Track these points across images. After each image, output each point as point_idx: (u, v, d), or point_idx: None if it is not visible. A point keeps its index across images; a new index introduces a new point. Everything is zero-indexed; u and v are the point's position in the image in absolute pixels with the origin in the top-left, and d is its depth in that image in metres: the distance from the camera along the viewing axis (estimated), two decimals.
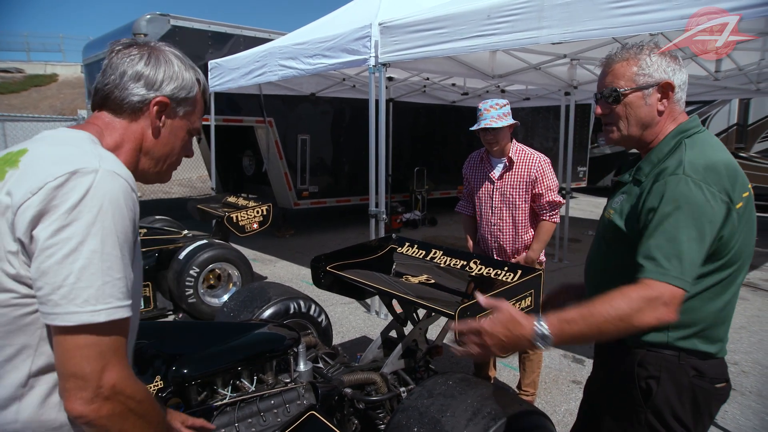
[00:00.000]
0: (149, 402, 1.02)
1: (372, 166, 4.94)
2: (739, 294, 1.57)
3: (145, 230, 4.80)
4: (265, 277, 6.38)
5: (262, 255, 7.71)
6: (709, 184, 1.38)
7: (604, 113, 1.62)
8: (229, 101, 8.03)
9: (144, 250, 4.56)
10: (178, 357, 2.14)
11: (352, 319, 5.10)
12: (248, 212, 5.29)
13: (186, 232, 5.03)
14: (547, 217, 3.28)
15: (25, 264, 0.91)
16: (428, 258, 3.02)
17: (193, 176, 12.61)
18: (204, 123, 8.01)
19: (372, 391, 2.55)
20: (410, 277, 2.90)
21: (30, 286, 0.92)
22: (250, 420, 2.17)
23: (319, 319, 3.38)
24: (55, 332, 0.90)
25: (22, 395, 0.97)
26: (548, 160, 3.31)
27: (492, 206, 3.34)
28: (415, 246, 3.14)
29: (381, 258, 3.11)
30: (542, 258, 3.37)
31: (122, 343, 0.94)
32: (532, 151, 3.32)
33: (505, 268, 2.74)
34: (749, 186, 1.49)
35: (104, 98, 1.13)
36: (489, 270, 2.79)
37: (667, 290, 1.33)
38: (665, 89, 1.52)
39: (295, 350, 2.43)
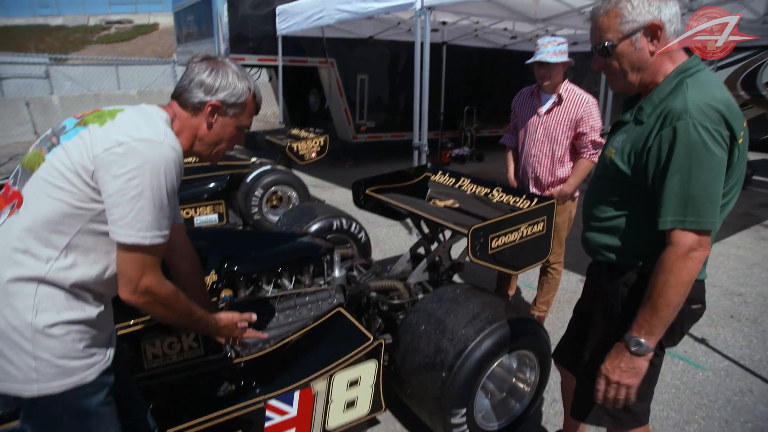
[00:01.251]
0: (174, 299, 1.29)
1: (416, 104, 4.89)
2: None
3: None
4: (323, 201, 6.55)
5: (323, 182, 7.89)
6: (716, 123, 1.31)
7: (600, 67, 1.52)
8: (294, 44, 7.98)
9: (218, 173, 4.77)
10: (230, 257, 2.31)
11: (395, 240, 5.21)
12: (308, 143, 5.39)
13: (254, 159, 5.18)
14: (587, 156, 3.10)
15: (89, 180, 1.14)
16: (457, 186, 3.03)
17: (267, 112, 12.80)
18: (273, 63, 8.07)
19: (394, 296, 2.65)
20: (438, 202, 2.94)
21: (84, 193, 1.15)
22: (287, 312, 2.34)
23: (359, 236, 3.51)
24: (117, 245, 1.18)
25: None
26: (596, 102, 3.11)
27: (535, 139, 3.20)
28: (447, 174, 3.14)
29: (417, 184, 3.15)
30: (576, 193, 3.26)
31: (158, 260, 1.21)
32: (581, 91, 3.11)
33: (523, 197, 2.73)
34: (745, 123, 1.41)
35: (178, 94, 1.37)
36: (509, 197, 2.78)
37: (695, 238, 1.33)
38: (652, 30, 1.41)
39: (329, 258, 2.55)
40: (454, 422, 2.03)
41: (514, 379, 2.36)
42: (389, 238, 5.26)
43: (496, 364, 2.07)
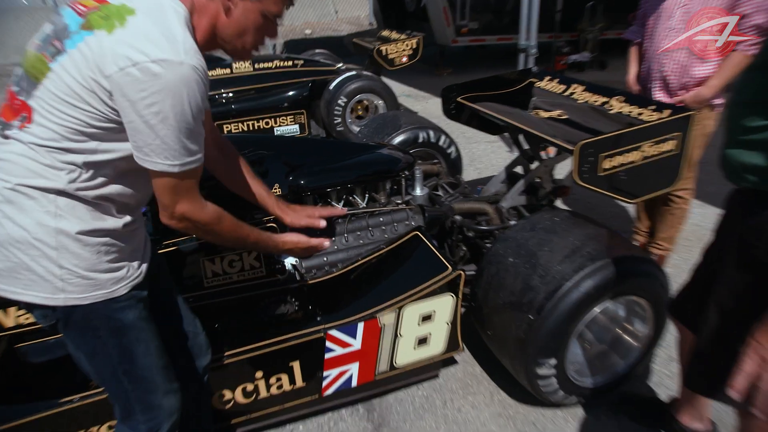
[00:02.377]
0: (216, 224, 1.29)
1: None
2: None
3: (302, 62, 4.85)
4: (416, 112, 6.27)
5: (417, 91, 7.55)
6: None
7: None
8: None
9: (299, 80, 4.64)
10: (296, 168, 2.21)
11: (493, 157, 4.88)
12: (398, 45, 5.05)
13: (340, 65, 4.98)
14: (743, 47, 2.33)
15: (108, 101, 1.07)
16: (567, 93, 2.65)
17: (361, 14, 12.35)
18: None
19: (482, 221, 2.45)
20: (542, 112, 2.59)
21: (102, 113, 1.09)
22: (358, 233, 2.23)
23: (448, 151, 3.29)
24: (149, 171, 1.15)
25: None
26: None
27: (669, 27, 2.53)
28: (556, 80, 2.76)
29: (519, 92, 2.83)
30: (719, 100, 2.54)
31: (193, 184, 1.18)
32: None
33: (652, 107, 2.29)
34: None
35: None
36: (632, 108, 2.35)
37: None
38: None
39: (407, 173, 2.37)
40: (540, 372, 1.84)
41: (619, 330, 2.09)
42: (486, 156, 4.95)
43: (597, 310, 1.82)
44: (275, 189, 2.14)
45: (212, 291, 1.97)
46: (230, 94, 4.50)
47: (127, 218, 1.24)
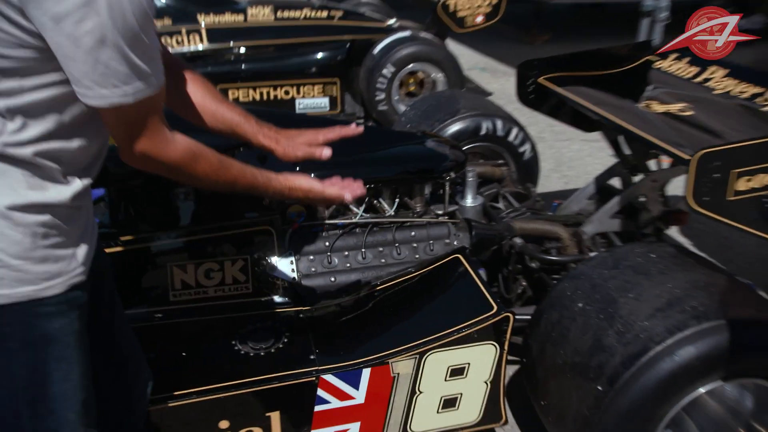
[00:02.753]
0: (188, 164, 1.31)
1: None
2: None
3: (341, 13, 4.92)
4: (490, 93, 6.27)
5: (495, 64, 7.50)
6: None
7: None
8: None
9: (334, 38, 4.71)
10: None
11: (590, 162, 4.83)
12: None
13: (392, 21, 5.04)
14: None
15: (21, 20, 1.07)
16: (700, 79, 2.62)
17: None
18: None
19: (552, 249, 2.46)
20: (656, 105, 2.58)
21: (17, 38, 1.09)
22: (381, 249, 2.28)
23: (521, 150, 3.30)
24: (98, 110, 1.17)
25: None
26: None
27: None
28: (686, 60, 2.73)
29: (629, 74, 2.83)
30: None
31: (154, 114, 1.21)
32: None
33: None
34: None
35: None
36: None
37: None
38: None
39: (454, 176, 2.40)
40: None
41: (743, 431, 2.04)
42: (580, 159, 4.93)
43: (701, 390, 1.79)
44: None
45: (179, 307, 2.04)
46: (242, 50, 4.63)
47: (77, 184, 1.25)
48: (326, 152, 1.71)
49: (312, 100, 4.64)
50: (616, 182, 2.85)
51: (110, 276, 1.53)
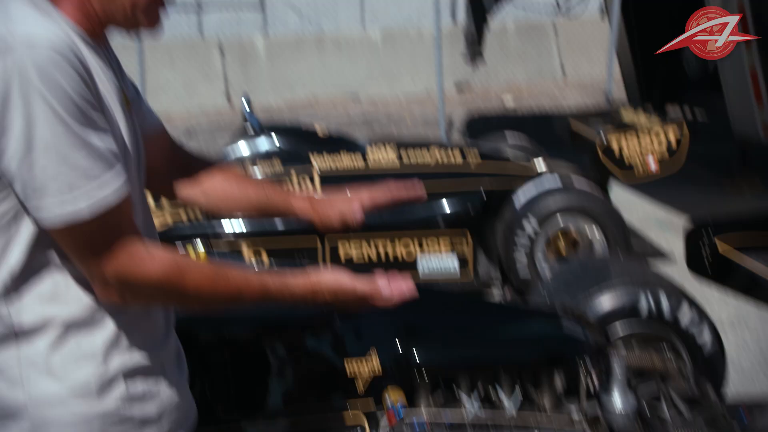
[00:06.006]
0: (174, 279, 1.23)
1: None
2: None
3: (478, 155, 4.80)
4: (663, 255, 5.71)
5: (681, 220, 6.45)
6: None
7: None
8: None
9: (461, 186, 4.57)
10: (410, 332, 2.20)
11: None
12: (643, 139, 4.67)
13: (539, 162, 4.82)
14: None
15: None
16: None
17: (596, 73, 11.25)
18: None
19: None
20: None
21: None
22: None
23: (700, 341, 2.87)
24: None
25: None
26: None
27: None
28: None
29: None
30: None
31: (120, 223, 1.17)
32: None
33: None
34: None
35: None
36: None
37: None
38: None
39: (593, 364, 2.20)
40: None
41: None
42: None
43: None
44: (371, 361, 2.11)
45: None
46: None
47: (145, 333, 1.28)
48: (357, 215, 1.69)
49: (437, 259, 4.46)
50: None
51: None
